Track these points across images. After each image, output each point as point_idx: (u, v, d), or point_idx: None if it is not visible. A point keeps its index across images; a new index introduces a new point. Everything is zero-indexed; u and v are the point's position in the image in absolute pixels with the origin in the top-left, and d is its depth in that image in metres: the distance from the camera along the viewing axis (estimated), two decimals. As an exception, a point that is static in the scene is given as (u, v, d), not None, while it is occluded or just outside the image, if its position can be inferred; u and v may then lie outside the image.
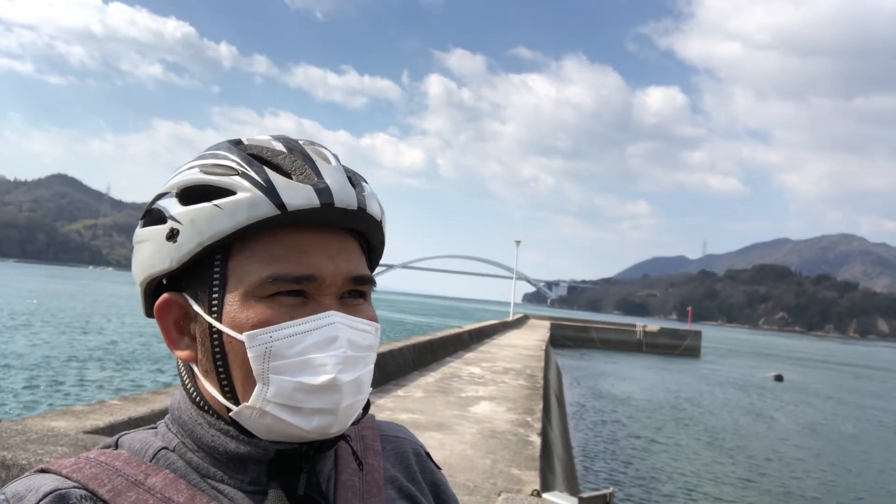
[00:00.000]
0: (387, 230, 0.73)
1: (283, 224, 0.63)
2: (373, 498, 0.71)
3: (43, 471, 0.61)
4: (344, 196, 0.65)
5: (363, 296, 0.69)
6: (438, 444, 5.58)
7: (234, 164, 0.64)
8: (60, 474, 0.61)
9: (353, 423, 0.67)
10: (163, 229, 0.65)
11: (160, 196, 0.67)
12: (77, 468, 0.61)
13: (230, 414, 0.64)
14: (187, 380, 0.68)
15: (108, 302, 50.69)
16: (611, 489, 7.63)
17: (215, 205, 0.62)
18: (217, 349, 0.64)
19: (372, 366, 0.68)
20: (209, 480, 0.64)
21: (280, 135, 0.70)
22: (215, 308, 0.64)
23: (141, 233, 0.68)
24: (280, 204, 0.62)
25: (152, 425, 0.70)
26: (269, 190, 0.62)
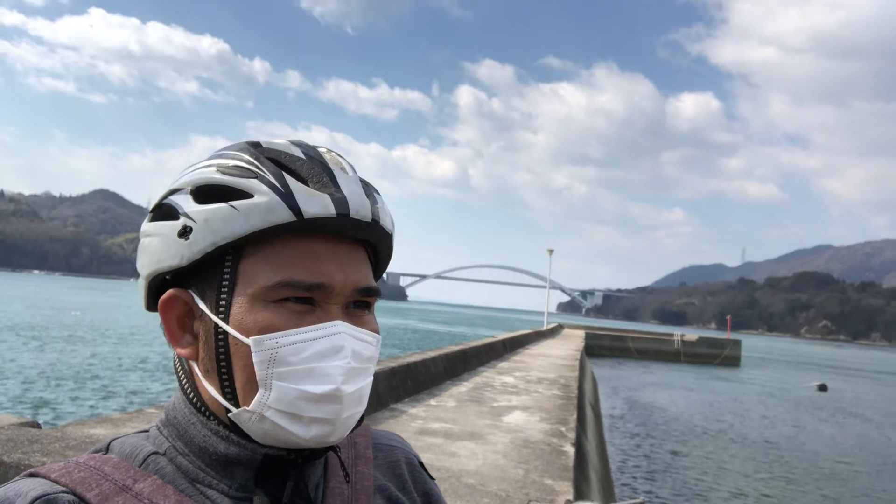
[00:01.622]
0: (419, 239, 0.75)
1: (296, 230, 0.63)
2: None
3: (32, 475, 0.61)
4: (360, 207, 0.65)
5: (368, 307, 0.69)
6: (471, 454, 5.55)
7: (252, 167, 0.64)
8: (49, 478, 0.60)
9: (352, 431, 0.67)
10: (175, 225, 0.64)
11: (173, 192, 0.66)
12: (66, 472, 0.61)
13: (229, 415, 0.63)
14: (184, 378, 0.68)
15: (148, 314, 51.57)
16: (641, 499, 7.49)
17: (231, 206, 0.62)
18: (221, 350, 0.63)
19: (371, 378, 0.67)
20: (197, 485, 0.64)
21: (299, 140, 0.69)
22: (223, 309, 0.63)
23: (150, 227, 0.67)
24: (297, 210, 0.62)
25: (144, 429, 0.70)
26: (287, 195, 0.62)
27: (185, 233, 0.63)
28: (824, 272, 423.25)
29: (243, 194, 0.62)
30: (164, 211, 0.66)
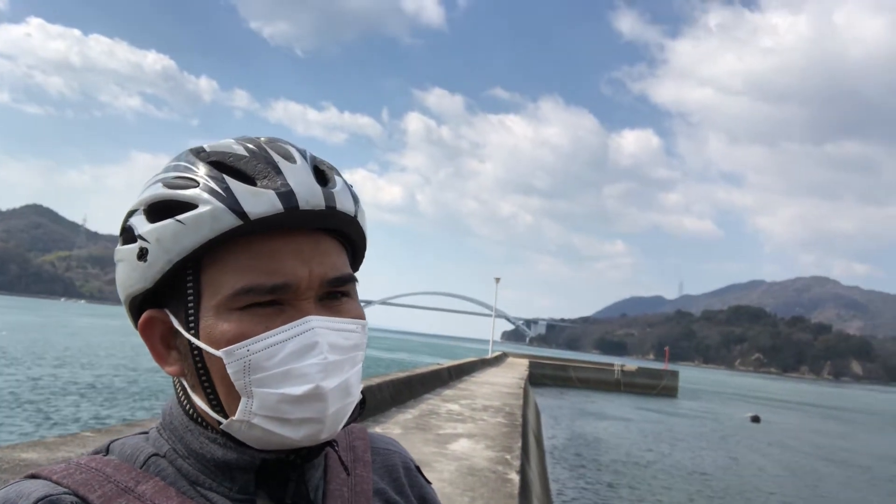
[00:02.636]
0: (365, 265, 0.72)
1: (248, 233, 0.61)
2: None
3: (33, 476, 0.61)
4: (310, 197, 0.63)
5: (347, 295, 0.67)
6: (416, 481, 5.52)
7: (194, 176, 0.63)
8: (51, 480, 0.60)
9: (350, 422, 0.67)
10: (134, 248, 0.64)
11: (131, 213, 0.66)
12: (67, 474, 0.60)
13: (221, 427, 0.63)
14: (180, 392, 0.68)
15: (78, 335, 49.66)
16: None
17: (178, 220, 0.61)
18: (199, 365, 0.63)
19: (360, 365, 0.66)
20: (198, 488, 0.63)
21: (245, 136, 0.67)
22: (192, 323, 0.63)
23: (117, 251, 0.67)
24: (242, 213, 0.60)
25: (144, 430, 0.70)
26: (230, 200, 0.60)
27: (142, 255, 0.63)
28: (757, 306, 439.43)
29: (188, 206, 0.61)
30: (126, 235, 0.66)
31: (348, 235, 0.69)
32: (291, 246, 0.63)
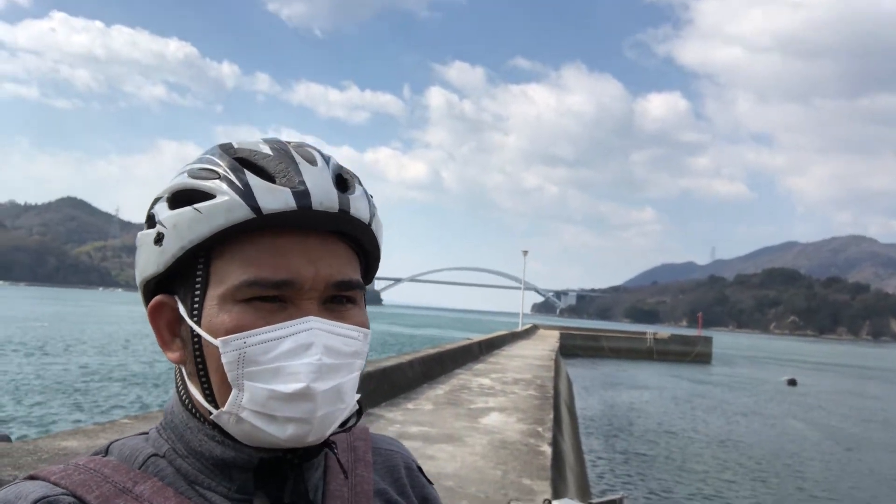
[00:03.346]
0: (393, 242, 0.72)
1: (260, 227, 0.63)
2: None
3: (32, 478, 0.61)
4: (324, 198, 0.63)
5: (353, 301, 0.67)
6: (449, 457, 5.57)
7: (217, 168, 0.64)
8: (49, 481, 0.60)
9: (346, 431, 0.67)
10: (152, 233, 0.65)
11: (156, 201, 0.67)
12: (66, 475, 0.61)
13: (211, 417, 0.64)
14: (179, 382, 0.68)
15: (117, 324, 50.93)
16: (620, 494, 7.59)
17: (195, 208, 0.62)
18: (198, 352, 0.64)
19: (357, 373, 0.66)
20: (197, 488, 0.64)
21: (272, 138, 0.69)
22: (196, 311, 0.64)
23: (138, 237, 0.68)
24: (256, 207, 0.61)
25: (144, 431, 0.70)
26: (246, 193, 0.62)
27: (158, 240, 0.64)
28: (792, 268, 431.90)
29: (206, 196, 0.63)
30: (149, 221, 0.67)
31: (361, 244, 0.69)
32: (301, 245, 0.64)
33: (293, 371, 0.61)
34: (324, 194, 0.64)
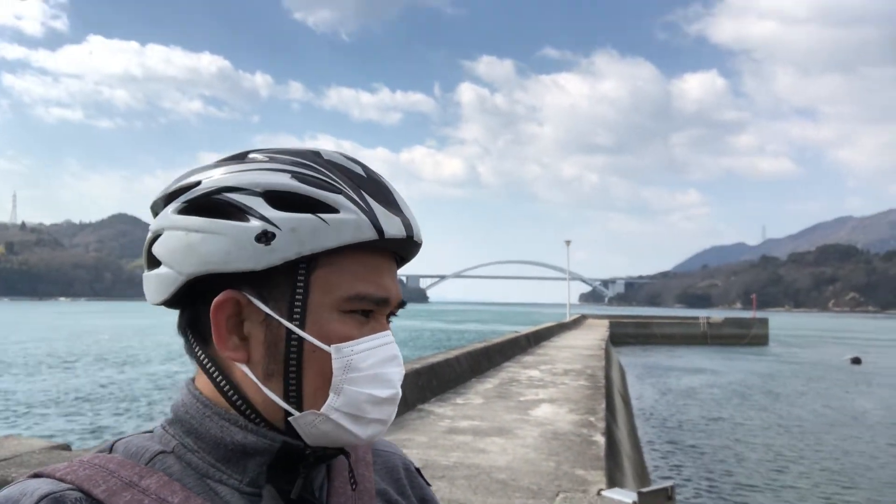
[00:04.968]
0: (435, 239, 0.79)
1: (369, 247, 0.66)
2: None
3: (36, 475, 0.61)
4: (418, 230, 0.70)
5: (395, 316, 0.73)
6: (500, 450, 5.52)
7: (331, 180, 0.66)
8: (54, 477, 0.60)
9: None
10: (249, 228, 0.63)
11: (229, 189, 0.65)
12: (71, 471, 0.61)
13: (289, 419, 0.65)
14: (219, 377, 0.67)
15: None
16: (671, 482, 7.43)
17: (321, 219, 0.63)
18: (293, 355, 0.64)
19: None
20: (208, 481, 0.64)
21: (350, 155, 0.71)
22: (297, 315, 0.64)
23: (202, 223, 0.64)
24: (380, 230, 0.65)
25: (149, 430, 0.70)
26: (370, 214, 0.65)
27: (265, 238, 0.62)
28: (847, 244, 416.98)
29: (329, 208, 0.64)
30: (218, 208, 0.65)
31: (401, 265, 0.75)
32: (389, 267, 0.69)
33: (388, 378, 0.66)
34: (417, 225, 0.70)
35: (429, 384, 8.11)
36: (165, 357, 32.44)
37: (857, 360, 35.95)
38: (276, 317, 0.64)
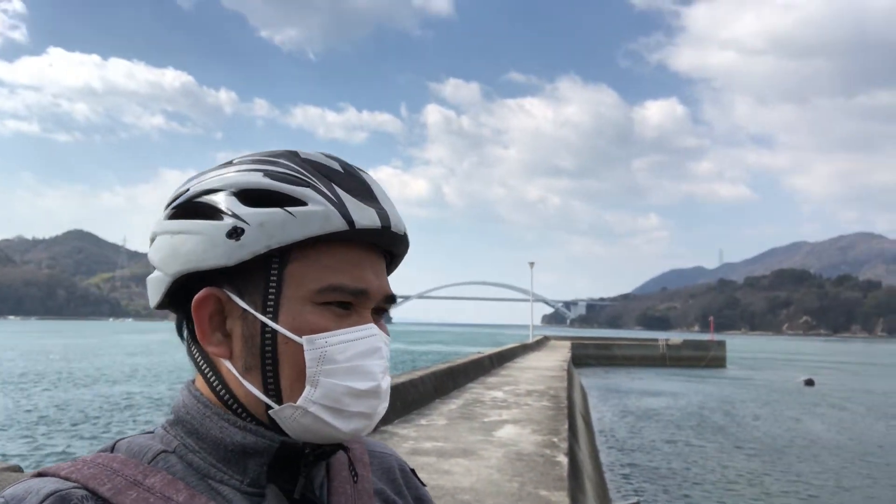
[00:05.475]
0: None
1: (343, 239, 0.67)
2: None
3: (40, 474, 0.62)
4: (397, 222, 0.70)
5: (384, 313, 0.73)
6: (465, 471, 5.50)
7: (301, 175, 0.67)
8: (59, 476, 0.61)
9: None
10: (221, 225, 0.65)
11: (208, 192, 0.67)
12: (75, 469, 0.61)
13: (269, 412, 0.65)
14: (211, 374, 0.69)
15: (126, 352, 51.03)
16: (635, 499, 7.49)
17: (288, 212, 0.64)
18: (268, 348, 0.65)
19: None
20: (209, 481, 0.65)
21: (330, 153, 0.72)
22: (270, 309, 0.65)
23: (181, 224, 0.67)
24: (350, 220, 0.65)
25: (150, 430, 0.70)
26: (340, 206, 0.66)
27: (235, 234, 0.64)
28: (801, 268, 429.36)
29: (297, 201, 0.65)
30: (198, 210, 0.67)
31: (392, 262, 0.75)
32: (370, 259, 0.69)
33: (368, 370, 0.66)
34: (396, 218, 0.70)
35: (392, 405, 8.05)
36: (119, 377, 31.52)
37: (810, 382, 36.87)
38: (251, 310, 0.66)
